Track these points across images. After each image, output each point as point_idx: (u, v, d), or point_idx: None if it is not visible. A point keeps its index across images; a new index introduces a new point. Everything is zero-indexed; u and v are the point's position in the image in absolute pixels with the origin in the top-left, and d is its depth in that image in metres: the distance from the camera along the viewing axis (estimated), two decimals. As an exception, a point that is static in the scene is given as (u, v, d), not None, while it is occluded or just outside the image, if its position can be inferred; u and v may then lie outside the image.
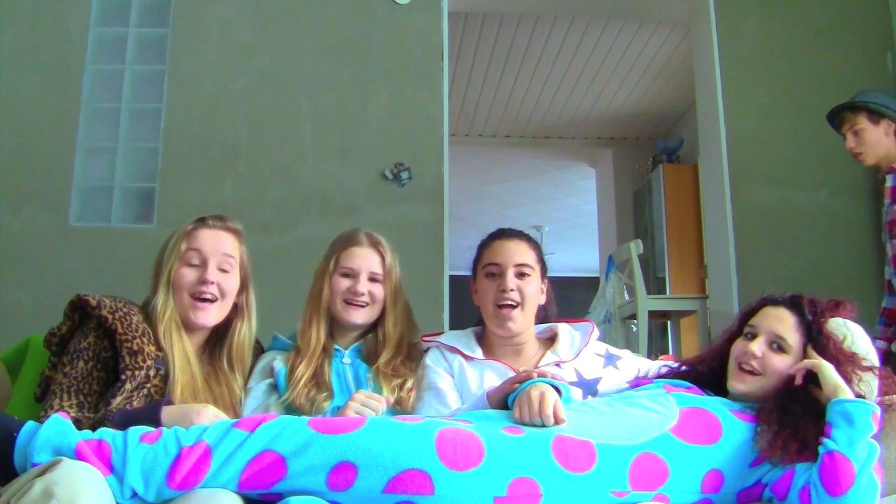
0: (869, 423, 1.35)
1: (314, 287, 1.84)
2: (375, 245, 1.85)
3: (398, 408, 1.70)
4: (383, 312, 1.82)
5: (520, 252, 1.77)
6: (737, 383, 1.55)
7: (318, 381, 1.70)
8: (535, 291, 1.77)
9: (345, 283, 1.80)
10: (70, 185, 3.54)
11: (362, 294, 1.78)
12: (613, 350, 1.89)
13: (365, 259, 1.82)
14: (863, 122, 2.61)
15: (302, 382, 1.67)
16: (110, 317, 1.53)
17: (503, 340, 1.78)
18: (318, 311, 1.79)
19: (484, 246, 1.83)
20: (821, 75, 3.86)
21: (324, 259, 1.87)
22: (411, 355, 1.83)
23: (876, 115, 2.59)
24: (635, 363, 1.86)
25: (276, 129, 3.66)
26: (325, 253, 1.89)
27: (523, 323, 1.77)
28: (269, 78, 3.69)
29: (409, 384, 1.74)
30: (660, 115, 6.36)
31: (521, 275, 1.75)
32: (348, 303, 1.79)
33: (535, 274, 1.78)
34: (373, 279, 1.81)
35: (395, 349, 1.80)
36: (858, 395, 1.45)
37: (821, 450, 1.35)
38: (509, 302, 1.73)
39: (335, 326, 1.83)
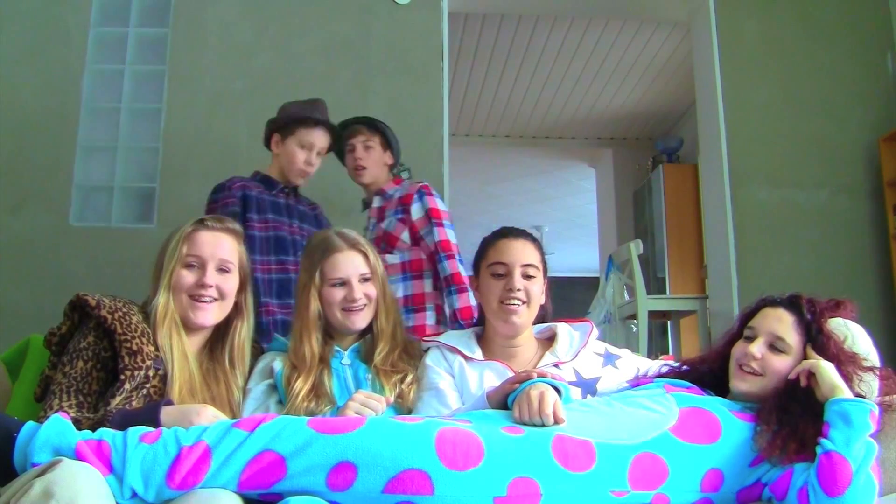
0: (866, 423, 1.35)
1: (300, 302, 1.78)
2: (356, 246, 1.81)
3: (399, 401, 1.69)
4: (376, 308, 1.81)
5: (526, 252, 1.77)
6: (739, 383, 1.55)
7: (318, 392, 1.67)
8: (539, 292, 1.78)
9: (338, 293, 1.76)
10: (70, 185, 3.54)
11: (359, 299, 1.77)
12: (613, 349, 1.89)
13: (351, 264, 1.78)
14: (375, 143, 2.75)
15: (300, 398, 1.64)
16: (110, 317, 1.53)
17: (503, 339, 1.79)
18: (307, 326, 1.75)
19: (488, 244, 1.82)
20: (821, 75, 3.86)
21: (303, 271, 1.81)
22: (409, 351, 1.83)
23: (386, 143, 2.76)
24: (635, 363, 1.86)
25: (276, 129, 3.66)
26: (303, 264, 1.83)
27: (527, 319, 1.77)
28: (269, 78, 3.69)
29: (409, 378, 1.74)
30: (660, 115, 6.36)
31: (526, 276, 1.76)
32: (347, 310, 1.77)
33: (540, 275, 1.79)
34: (363, 280, 1.79)
35: (390, 341, 1.79)
36: (858, 395, 1.45)
37: (818, 450, 1.35)
38: (515, 302, 1.73)
39: (333, 328, 1.82)
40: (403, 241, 2.61)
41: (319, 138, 2.53)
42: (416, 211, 2.60)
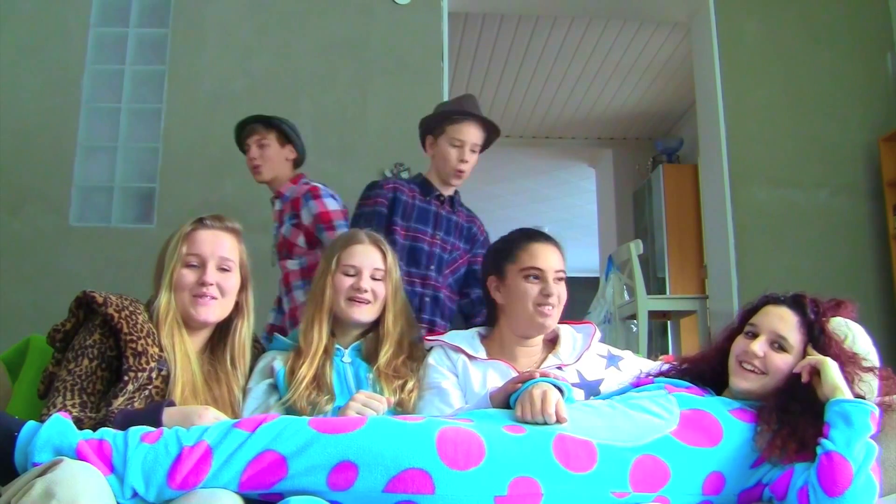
0: (867, 424, 1.35)
1: (315, 287, 1.83)
2: (376, 243, 1.85)
3: (399, 409, 1.69)
4: (383, 309, 1.82)
5: (557, 258, 1.81)
6: (740, 381, 1.55)
7: (320, 382, 1.69)
8: (565, 293, 1.81)
9: (347, 281, 1.79)
10: (70, 185, 3.55)
11: (365, 291, 1.78)
12: (615, 351, 1.89)
13: (367, 256, 1.82)
14: (271, 140, 2.69)
15: (304, 384, 1.66)
16: (116, 315, 1.53)
17: (522, 340, 1.79)
18: (320, 311, 1.79)
19: (518, 247, 1.82)
20: (821, 75, 3.86)
21: (323, 259, 1.87)
22: (413, 355, 1.83)
23: (284, 138, 2.70)
24: (637, 364, 1.86)
25: (276, 129, 3.66)
26: (325, 253, 1.89)
27: (556, 320, 1.80)
28: (269, 78, 3.69)
29: (409, 385, 1.74)
30: (660, 115, 6.36)
31: (558, 279, 1.79)
32: (352, 300, 1.79)
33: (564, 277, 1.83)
34: (375, 277, 1.81)
35: (395, 347, 1.79)
36: (858, 396, 1.44)
37: (819, 450, 1.35)
38: (550, 305, 1.76)
39: (336, 326, 1.83)
40: (300, 247, 2.54)
41: (471, 133, 2.34)
42: (305, 216, 2.53)
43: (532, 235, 1.84)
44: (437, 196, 2.39)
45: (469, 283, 2.41)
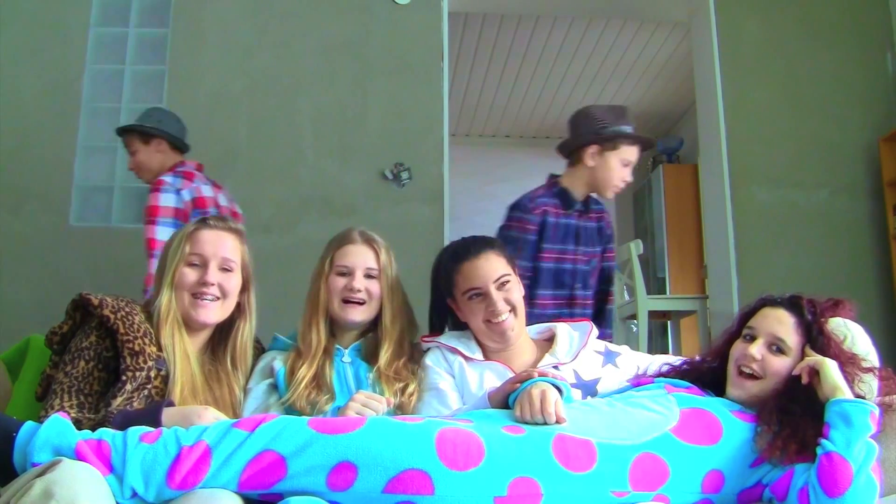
0: (867, 424, 1.35)
1: (312, 289, 1.84)
2: (369, 242, 1.85)
3: (399, 412, 1.69)
4: (381, 309, 1.82)
5: (494, 267, 1.76)
6: (735, 390, 1.54)
7: (320, 382, 1.69)
8: (519, 294, 1.78)
9: (341, 282, 1.80)
10: (70, 185, 3.55)
11: (359, 290, 1.78)
12: (613, 347, 1.89)
13: (360, 256, 1.82)
14: (136, 145, 2.74)
15: (303, 384, 1.67)
16: (112, 316, 1.53)
17: (498, 348, 1.79)
18: (316, 313, 1.79)
19: (453, 272, 1.79)
20: (821, 75, 3.86)
21: (319, 260, 1.87)
22: (414, 357, 1.83)
23: (146, 136, 2.74)
24: (634, 360, 1.85)
25: (276, 129, 3.66)
26: (321, 254, 1.89)
27: (520, 325, 1.78)
28: (269, 78, 3.70)
29: (410, 388, 1.73)
30: (660, 115, 6.36)
31: (502, 286, 1.75)
32: (346, 301, 1.79)
33: (513, 278, 1.78)
34: (368, 276, 1.81)
35: (396, 347, 1.79)
36: (858, 396, 1.44)
37: (819, 451, 1.34)
38: (502, 317, 1.74)
39: (335, 326, 1.83)
40: None
41: (637, 154, 2.38)
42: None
43: (458, 255, 1.80)
44: (577, 210, 2.38)
45: (600, 280, 2.45)
